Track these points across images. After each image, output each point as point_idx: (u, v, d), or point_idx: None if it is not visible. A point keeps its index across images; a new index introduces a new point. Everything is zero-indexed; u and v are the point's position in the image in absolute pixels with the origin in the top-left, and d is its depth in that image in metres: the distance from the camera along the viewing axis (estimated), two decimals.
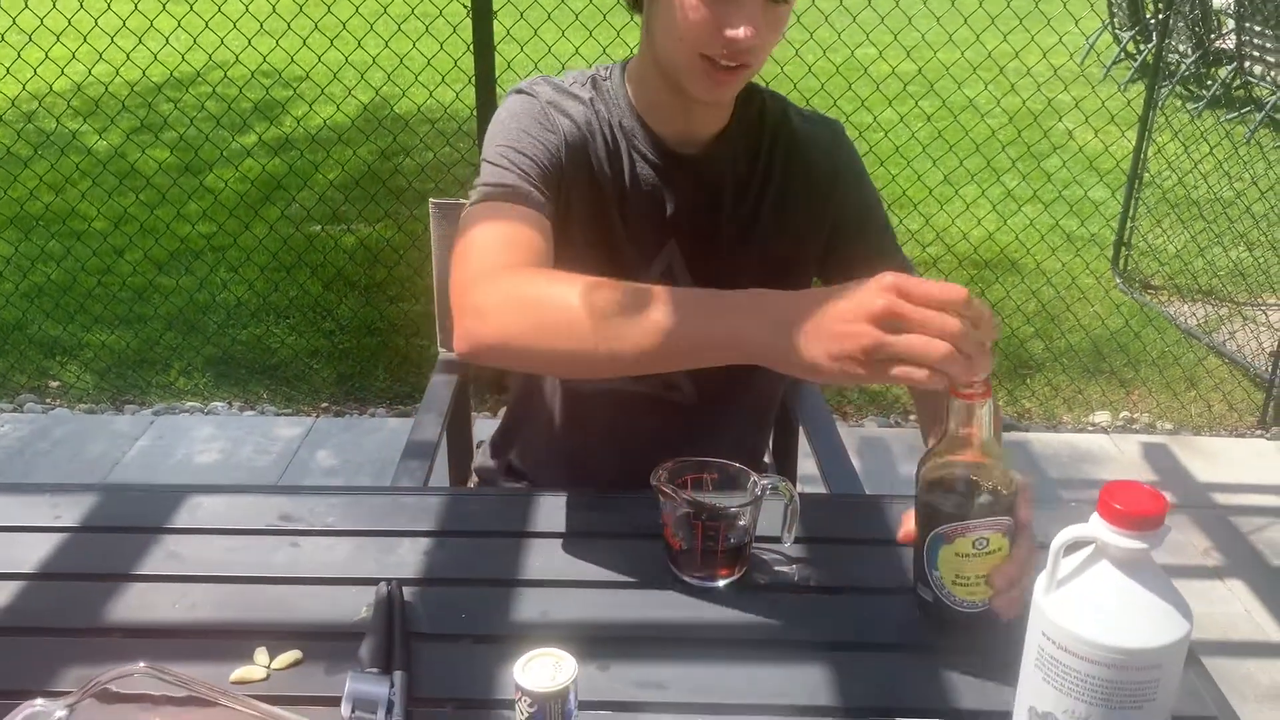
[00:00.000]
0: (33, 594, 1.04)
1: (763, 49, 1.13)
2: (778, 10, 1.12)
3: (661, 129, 1.24)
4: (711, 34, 1.10)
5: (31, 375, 3.33)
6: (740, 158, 1.26)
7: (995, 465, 0.90)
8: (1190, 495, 2.78)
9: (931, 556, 0.94)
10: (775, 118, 1.28)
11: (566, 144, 1.21)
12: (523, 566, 1.07)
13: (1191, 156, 4.25)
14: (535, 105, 1.22)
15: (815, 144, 1.29)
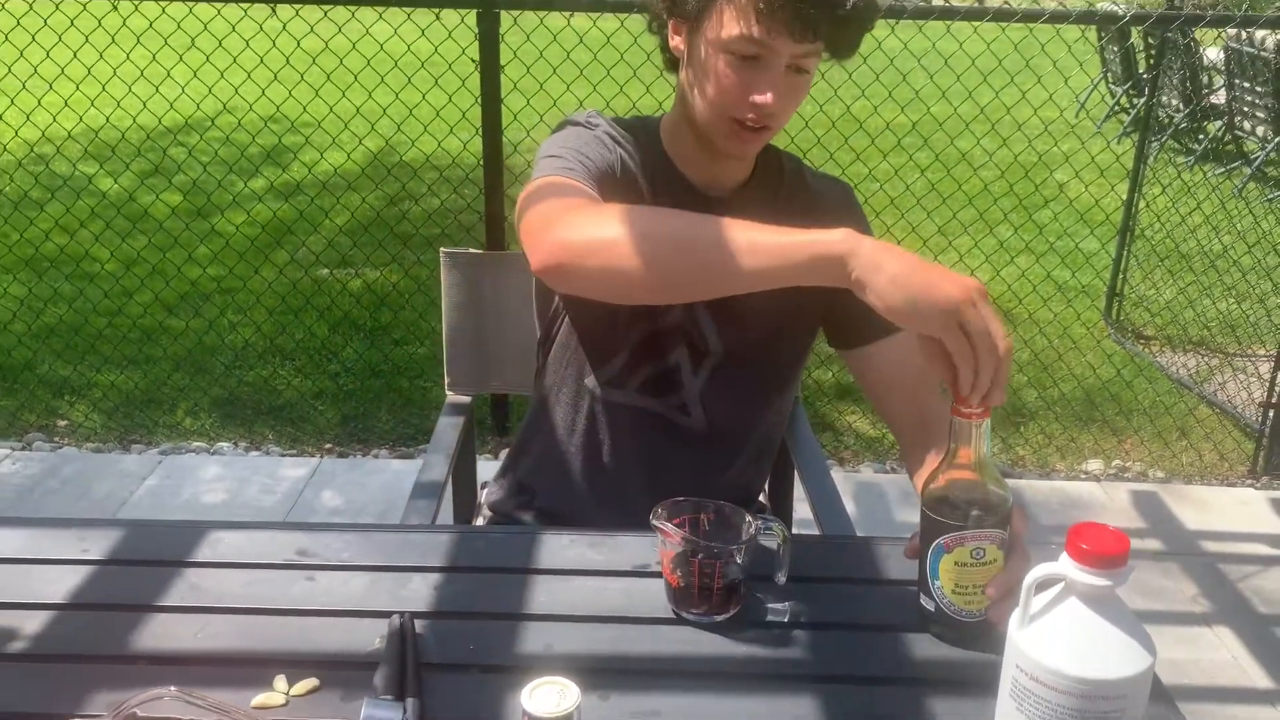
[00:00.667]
0: (62, 623, 1.09)
1: (784, 113, 1.25)
2: (798, 79, 1.24)
3: (691, 175, 1.35)
4: (739, 99, 1.22)
5: (40, 414, 3.38)
6: (759, 208, 1.35)
7: (991, 481, 1.00)
8: (1179, 543, 2.82)
9: (933, 567, 1.02)
10: (791, 175, 1.41)
11: (622, 165, 1.31)
12: (528, 601, 1.13)
13: (1179, 210, 4.35)
14: (596, 131, 1.33)
15: (826, 202, 1.41)
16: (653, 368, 1.39)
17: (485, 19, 2.88)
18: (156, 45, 3.53)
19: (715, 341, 1.38)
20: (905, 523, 2.87)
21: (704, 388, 1.40)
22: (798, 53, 1.20)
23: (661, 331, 1.37)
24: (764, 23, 1.18)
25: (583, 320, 1.41)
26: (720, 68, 1.22)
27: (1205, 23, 3.19)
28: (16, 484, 2.96)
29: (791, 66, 1.22)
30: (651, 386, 1.40)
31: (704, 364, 1.39)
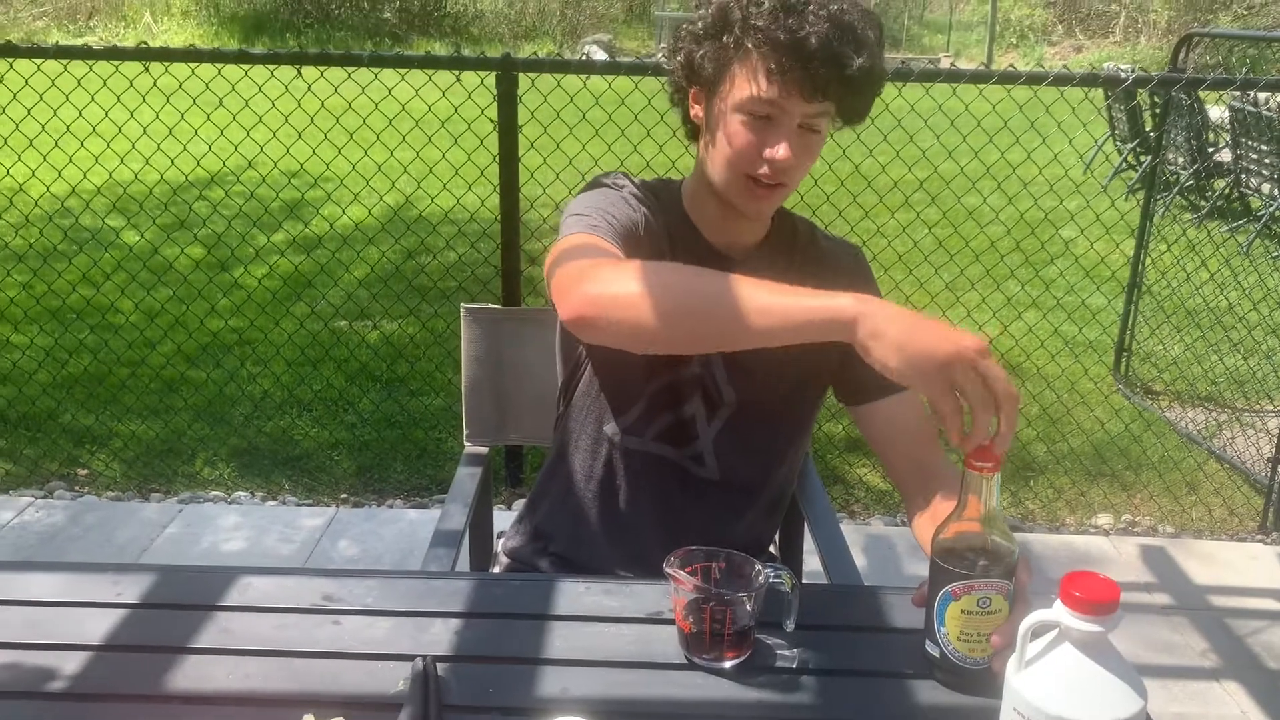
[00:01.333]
0: (99, 663, 1.13)
1: (797, 170, 1.32)
2: (811, 138, 1.30)
3: (709, 235, 1.42)
4: (753, 155, 1.29)
5: (62, 463, 3.44)
6: (775, 265, 1.43)
7: (998, 534, 1.04)
8: (1188, 598, 2.83)
9: (940, 614, 1.06)
10: (804, 238, 1.48)
11: (646, 224, 1.37)
12: (545, 646, 1.17)
13: (1184, 267, 4.40)
14: (622, 192, 1.39)
15: (837, 263, 1.47)
16: (670, 416, 1.44)
17: (504, 80, 2.98)
18: (185, 104, 3.65)
19: (729, 393, 1.44)
20: (914, 575, 2.89)
21: (718, 438, 1.45)
22: (809, 112, 1.27)
23: (679, 382, 1.43)
24: (775, 83, 1.25)
25: (605, 368, 1.47)
26: (735, 128, 1.29)
27: (1206, 85, 3.26)
28: (39, 531, 3.01)
29: (804, 126, 1.29)
30: (668, 435, 1.45)
31: (718, 414, 1.45)
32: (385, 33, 16.21)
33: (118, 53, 3.07)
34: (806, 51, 1.22)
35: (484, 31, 16.94)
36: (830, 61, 1.23)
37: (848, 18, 1.24)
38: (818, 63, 1.23)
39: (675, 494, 1.47)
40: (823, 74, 1.24)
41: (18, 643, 1.15)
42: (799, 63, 1.23)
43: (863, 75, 1.25)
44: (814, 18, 1.22)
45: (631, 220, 1.35)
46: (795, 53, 1.23)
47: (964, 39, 19.13)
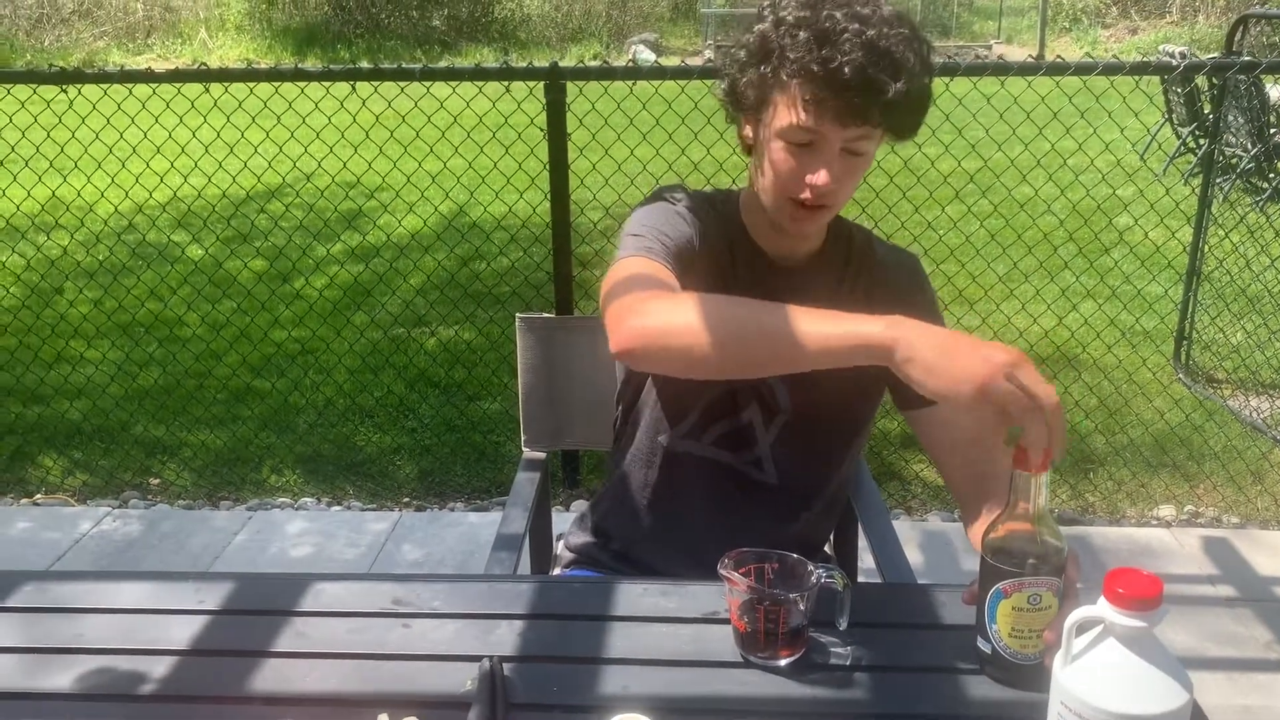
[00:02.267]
0: (185, 667, 1.20)
1: (841, 192, 1.34)
2: (854, 160, 1.32)
3: (765, 246, 1.46)
4: (796, 180, 1.32)
5: (135, 473, 3.57)
6: (830, 275, 1.47)
7: (1048, 532, 1.07)
8: (1253, 589, 2.80)
9: (991, 611, 1.09)
10: (860, 247, 1.50)
11: (702, 238, 1.41)
12: (606, 646, 1.21)
13: (1244, 253, 4.32)
14: (678, 205, 1.44)
15: (894, 272, 1.49)
16: (727, 424, 1.48)
17: (552, 89, 3.03)
18: (244, 121, 3.76)
19: (785, 400, 1.47)
20: (971, 571, 2.87)
21: (775, 444, 1.49)
22: (848, 137, 1.29)
23: (736, 390, 1.47)
24: (812, 112, 1.27)
25: (662, 378, 1.51)
26: (778, 154, 1.33)
27: (1262, 69, 3.21)
28: (118, 540, 3.13)
29: (846, 150, 1.31)
30: (726, 441, 1.49)
31: (775, 421, 1.48)
32: (435, 40, 16.39)
33: (180, 75, 3.18)
34: (841, 81, 1.24)
35: (531, 35, 17.06)
36: (866, 90, 1.24)
37: (884, 44, 1.24)
38: (853, 92, 1.24)
39: (733, 497, 1.51)
40: (859, 102, 1.25)
41: (109, 648, 1.22)
42: (834, 93, 1.25)
43: (901, 99, 1.25)
44: (849, 45, 1.23)
45: (685, 236, 1.39)
46: (831, 83, 1.24)
47: (1015, 25, 18.83)
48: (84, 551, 3.06)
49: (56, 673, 1.18)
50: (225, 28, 17.19)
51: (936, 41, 17.80)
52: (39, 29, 16.90)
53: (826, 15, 1.26)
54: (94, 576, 1.44)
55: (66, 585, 1.38)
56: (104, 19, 17.33)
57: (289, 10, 17.09)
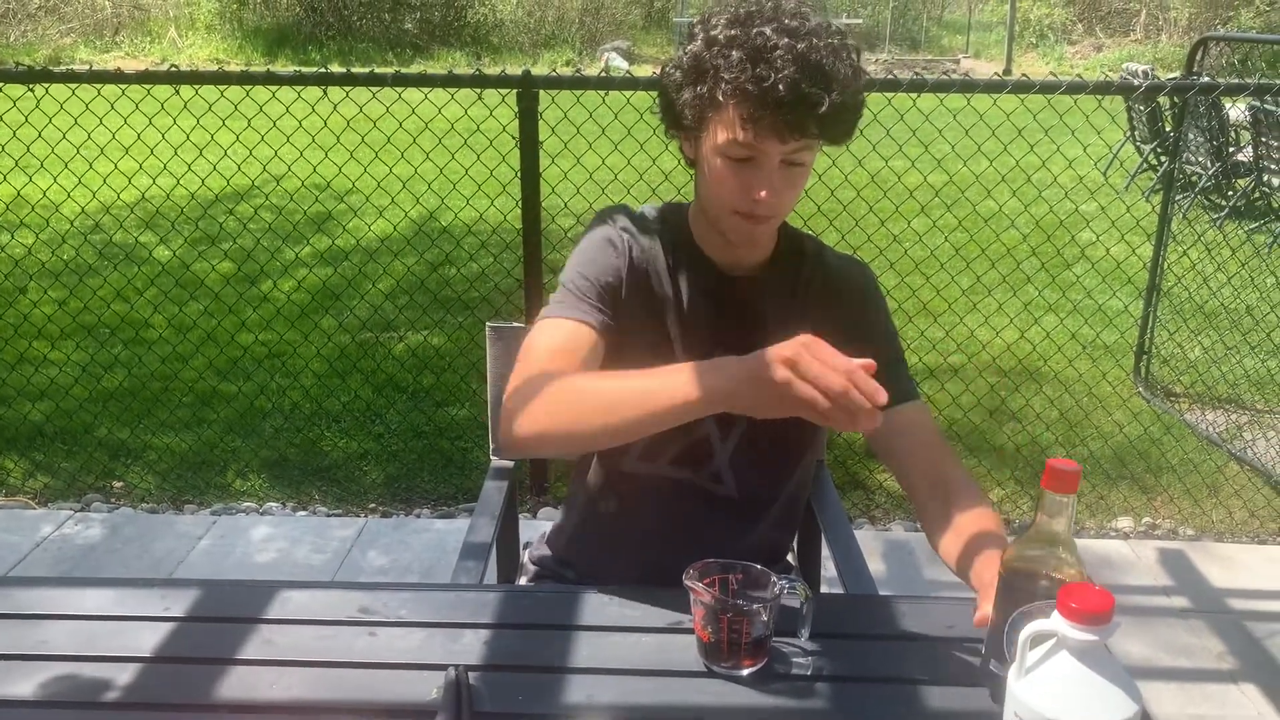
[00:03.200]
0: (150, 674, 1.20)
1: (784, 203, 1.37)
2: (794, 171, 1.35)
3: (714, 256, 1.48)
4: (739, 196, 1.35)
5: (98, 476, 3.53)
6: (781, 284, 1.49)
7: (1069, 554, 1.05)
8: (1207, 600, 2.86)
9: (1011, 634, 1.06)
10: (812, 257, 1.52)
11: (630, 263, 1.44)
12: (571, 655, 1.23)
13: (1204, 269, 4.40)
14: (610, 230, 1.47)
15: (845, 281, 1.51)
16: (683, 440, 1.50)
17: (525, 98, 3.04)
18: (215, 125, 3.74)
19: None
20: (934, 580, 2.93)
21: (733, 455, 1.51)
22: (787, 150, 1.31)
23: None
24: (749, 129, 1.29)
25: None
26: (719, 170, 1.35)
27: (1221, 91, 3.29)
28: (79, 543, 3.10)
29: (786, 161, 1.33)
30: (684, 458, 1.51)
31: (732, 433, 1.50)
32: (407, 43, 16.35)
33: (150, 76, 3.15)
34: (776, 98, 1.26)
35: (504, 40, 17.06)
36: (801, 105, 1.26)
37: (815, 57, 1.26)
38: (788, 108, 1.26)
39: (694, 513, 1.52)
40: (795, 117, 1.27)
41: (73, 655, 1.22)
42: (770, 110, 1.27)
43: (836, 110, 1.28)
44: (781, 62, 1.25)
45: (611, 270, 1.43)
46: (766, 101, 1.26)
47: (983, 39, 19.08)
48: (45, 555, 3.03)
49: (18, 680, 1.18)
50: (195, 27, 17.05)
51: (906, 55, 18.02)
52: (3, 24, 16.67)
53: (757, 32, 1.28)
54: (57, 582, 1.44)
55: (28, 591, 1.37)
56: (71, 15, 17.12)
57: (260, 11, 16.98)
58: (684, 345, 1.46)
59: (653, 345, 1.45)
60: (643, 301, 1.45)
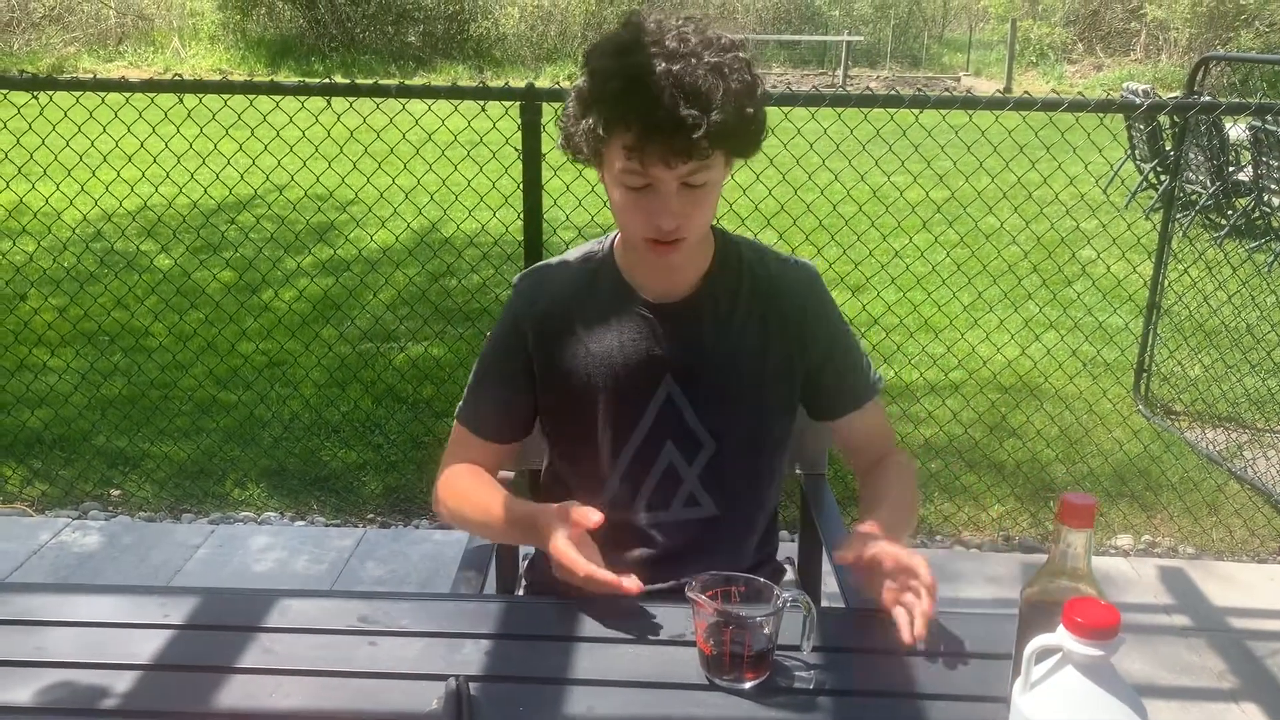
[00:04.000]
0: (149, 682, 1.19)
1: (692, 223, 1.36)
2: (696, 192, 1.34)
3: (646, 285, 1.47)
4: (643, 224, 1.35)
5: (96, 484, 3.52)
6: (721, 298, 1.48)
7: (1090, 586, 1.03)
8: (1207, 619, 2.85)
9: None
10: (751, 264, 1.50)
11: (536, 328, 1.49)
12: (572, 667, 1.22)
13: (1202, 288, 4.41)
14: (510, 306, 1.53)
15: (789, 285, 1.50)
16: (651, 479, 1.49)
17: (528, 110, 3.05)
18: (218, 133, 3.75)
19: (705, 435, 1.48)
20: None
21: (702, 475, 1.50)
22: (680, 174, 1.30)
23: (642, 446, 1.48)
24: (636, 158, 1.29)
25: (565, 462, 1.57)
26: (620, 199, 1.35)
27: (1222, 110, 3.30)
28: (76, 551, 3.09)
29: (684, 184, 1.32)
30: (655, 500, 1.50)
31: (697, 458, 1.49)
32: (409, 56, 16.41)
33: (155, 85, 3.16)
34: (654, 126, 1.25)
35: (506, 54, 17.12)
36: (680, 129, 1.24)
37: (690, 79, 1.25)
38: (666, 133, 1.25)
39: (687, 538, 1.51)
40: (676, 143, 1.26)
41: (71, 662, 1.22)
42: (651, 138, 1.26)
43: (723, 128, 1.26)
44: (657, 88, 1.24)
45: (505, 348, 1.52)
46: (645, 129, 1.26)
47: (984, 58, 19.15)
48: (42, 562, 3.02)
49: (16, 686, 1.17)
50: (199, 37, 17.10)
51: (906, 73, 18.08)
52: (8, 33, 16.72)
53: (633, 61, 1.27)
54: (56, 588, 1.43)
55: (27, 596, 1.37)
56: (75, 25, 17.18)
57: (263, 22, 17.04)
58: (629, 377, 1.46)
59: (599, 383, 1.47)
60: (574, 347, 1.47)
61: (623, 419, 1.47)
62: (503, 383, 1.52)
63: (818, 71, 17.87)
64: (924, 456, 3.72)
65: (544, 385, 1.50)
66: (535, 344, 1.49)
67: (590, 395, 1.47)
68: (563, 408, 1.50)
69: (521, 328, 1.49)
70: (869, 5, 20.78)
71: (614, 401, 1.47)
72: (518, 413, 1.54)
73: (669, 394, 1.46)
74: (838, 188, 3.75)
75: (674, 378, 1.46)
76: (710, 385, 1.46)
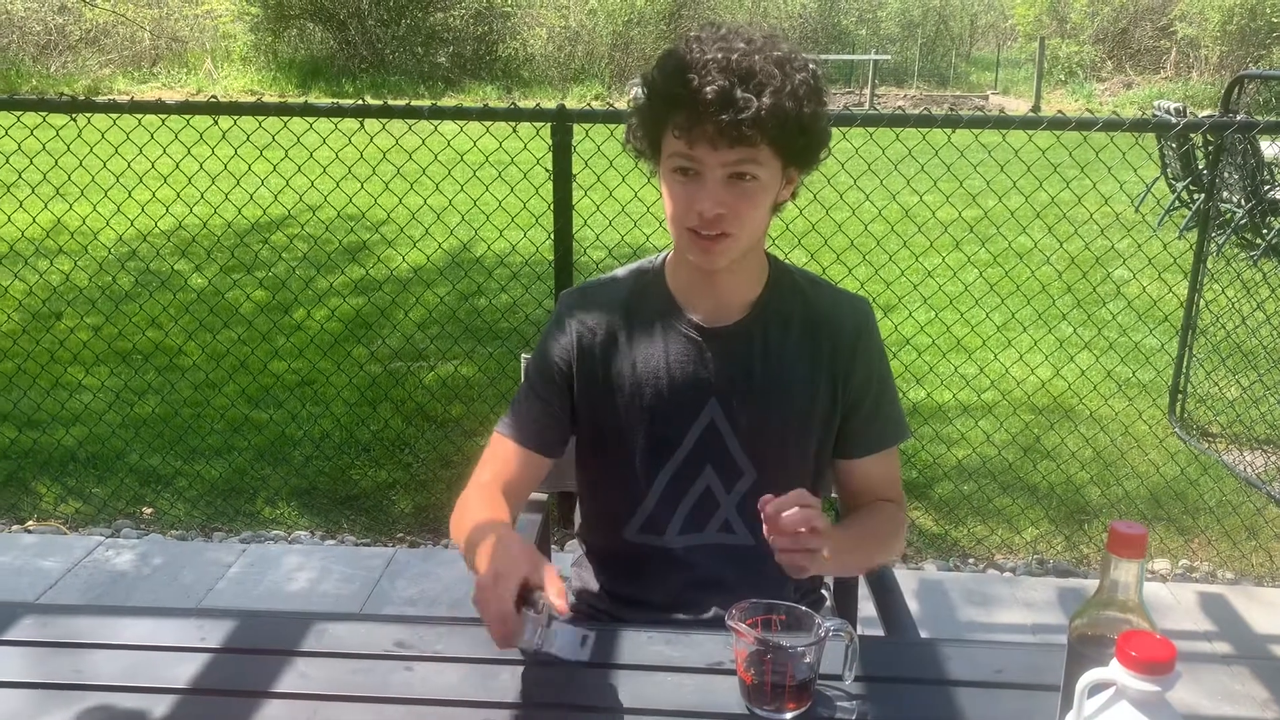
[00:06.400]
0: (186, 707, 1.19)
1: (736, 219, 1.34)
2: (744, 185, 1.33)
3: (696, 306, 1.46)
4: (686, 209, 1.34)
5: (129, 502, 3.55)
6: (772, 325, 1.46)
7: (1145, 619, 1.00)
8: (1249, 646, 2.80)
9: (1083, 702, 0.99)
10: (806, 294, 1.49)
11: (579, 343, 1.48)
12: (611, 695, 1.21)
13: (1239, 309, 4.35)
14: (556, 314, 1.52)
15: (841, 320, 1.48)
16: (687, 501, 1.48)
17: (559, 131, 3.06)
18: (252, 153, 3.79)
19: (746, 464, 1.47)
20: (968, 621, 2.88)
21: (739, 505, 1.48)
22: (727, 160, 1.30)
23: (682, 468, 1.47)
24: (684, 139, 1.30)
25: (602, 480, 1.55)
26: (670, 187, 1.36)
27: (1259, 129, 3.26)
28: (109, 571, 3.10)
29: (734, 175, 1.32)
30: (690, 524, 1.49)
31: (736, 487, 1.48)
32: (439, 77, 16.54)
33: (191, 107, 3.20)
34: (705, 102, 1.26)
35: (534, 74, 17.23)
36: (730, 108, 1.25)
37: (746, 63, 1.27)
38: (717, 111, 1.26)
39: (720, 565, 1.50)
40: (725, 122, 1.26)
41: (110, 685, 1.22)
42: (700, 115, 1.27)
43: (775, 118, 1.26)
44: (712, 69, 1.27)
45: (557, 355, 1.49)
46: (695, 106, 1.27)
47: (1011, 76, 19.08)
48: (76, 580, 3.04)
49: (56, 709, 1.17)
50: (231, 59, 17.33)
51: (934, 91, 18.05)
52: (45, 55, 17.02)
53: (697, 48, 1.30)
54: (93, 610, 1.44)
55: (65, 619, 1.37)
56: (110, 47, 17.46)
57: (294, 44, 17.24)
58: (673, 398, 1.45)
59: (643, 403, 1.46)
60: (618, 365, 1.47)
61: (664, 439, 1.46)
62: (544, 392, 1.51)
63: (845, 90, 17.87)
64: (957, 478, 3.68)
65: (585, 399, 1.49)
66: (579, 357, 1.48)
67: (632, 413, 1.46)
68: (603, 424, 1.49)
69: (564, 341, 1.49)
70: (896, 24, 20.78)
71: (656, 421, 1.46)
72: (556, 424, 1.51)
73: (712, 418, 1.45)
74: (869, 207, 3.74)
75: (719, 402, 1.45)
76: (755, 414, 1.45)
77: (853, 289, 1.57)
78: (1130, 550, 0.98)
